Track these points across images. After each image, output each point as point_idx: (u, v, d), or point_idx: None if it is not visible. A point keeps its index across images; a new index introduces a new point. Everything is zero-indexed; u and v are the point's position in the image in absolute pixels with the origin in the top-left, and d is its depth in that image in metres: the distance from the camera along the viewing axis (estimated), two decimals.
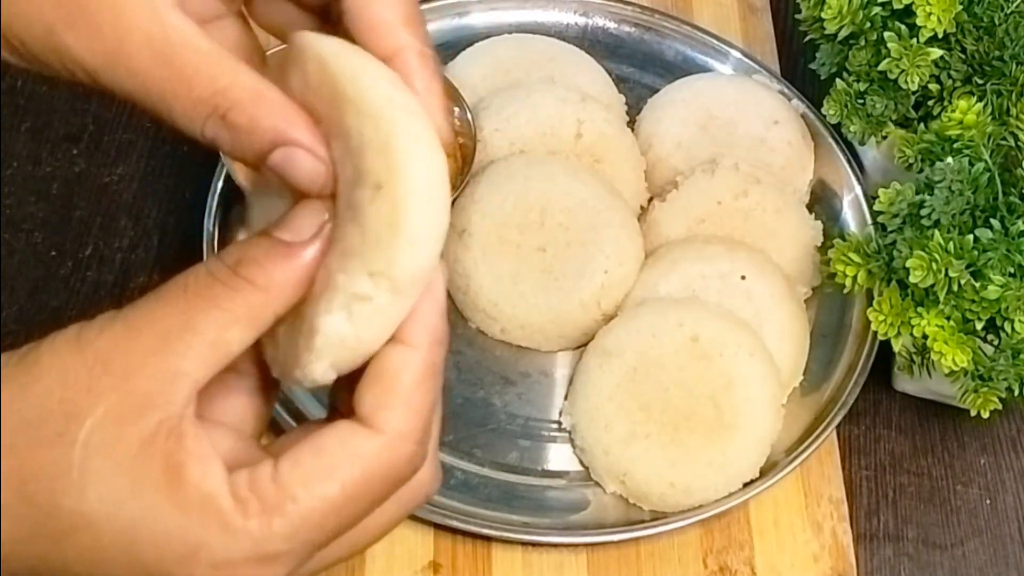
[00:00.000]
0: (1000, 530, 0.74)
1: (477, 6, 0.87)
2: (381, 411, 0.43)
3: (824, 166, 0.83)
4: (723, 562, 0.70)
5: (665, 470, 0.70)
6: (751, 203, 0.78)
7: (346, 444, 0.43)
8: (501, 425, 0.74)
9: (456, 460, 0.72)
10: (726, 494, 0.71)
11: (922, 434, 0.77)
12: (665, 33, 0.88)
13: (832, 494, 0.73)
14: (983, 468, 0.76)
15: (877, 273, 0.70)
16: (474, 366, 0.76)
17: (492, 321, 0.76)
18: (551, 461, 0.73)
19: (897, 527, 0.74)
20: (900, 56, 0.72)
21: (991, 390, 0.68)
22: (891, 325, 0.69)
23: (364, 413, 0.43)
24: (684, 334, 0.72)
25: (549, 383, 0.76)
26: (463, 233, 0.75)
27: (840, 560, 0.71)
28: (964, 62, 0.74)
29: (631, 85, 0.87)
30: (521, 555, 0.70)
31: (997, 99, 0.73)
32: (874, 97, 0.75)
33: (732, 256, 0.76)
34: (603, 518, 0.71)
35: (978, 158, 0.69)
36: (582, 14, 0.88)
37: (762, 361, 0.72)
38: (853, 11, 0.74)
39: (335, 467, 0.43)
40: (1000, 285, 0.66)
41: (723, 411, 0.71)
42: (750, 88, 0.84)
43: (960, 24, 0.73)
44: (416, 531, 0.70)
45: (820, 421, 0.73)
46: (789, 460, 0.71)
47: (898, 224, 0.70)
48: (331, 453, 0.43)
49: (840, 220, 0.81)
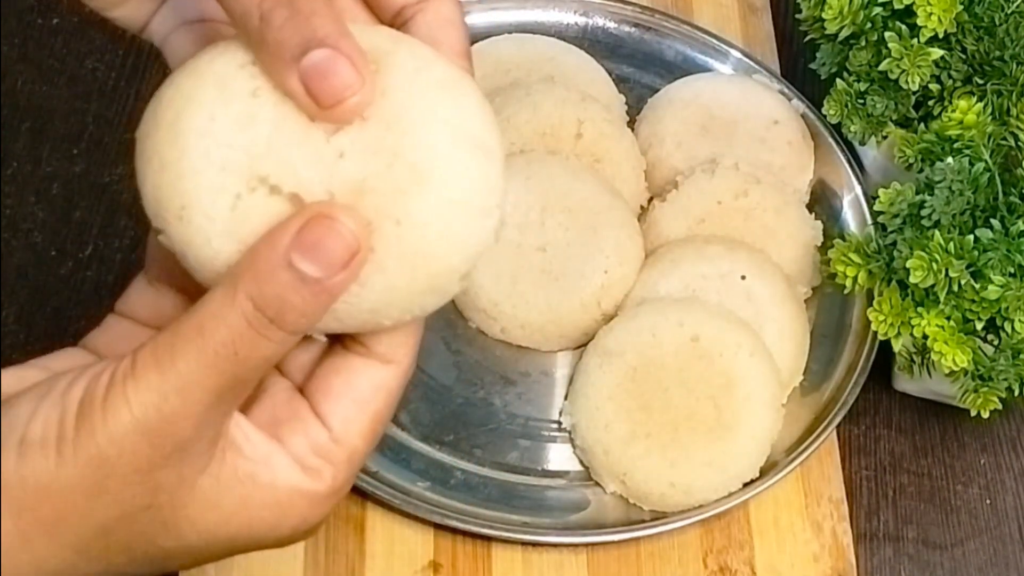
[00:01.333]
0: (1000, 530, 0.74)
1: (477, 6, 0.87)
2: (399, 348, 0.46)
3: (824, 166, 0.83)
4: (723, 562, 0.70)
5: (665, 470, 0.70)
6: (751, 203, 0.78)
7: (380, 387, 0.46)
8: (501, 425, 0.74)
9: (456, 460, 0.72)
10: (726, 494, 0.71)
11: (922, 434, 0.77)
12: (665, 33, 0.88)
13: (832, 494, 0.73)
14: (983, 468, 0.76)
15: (877, 273, 0.70)
16: (474, 366, 0.76)
17: (492, 321, 0.76)
18: (551, 461, 0.73)
19: (897, 527, 0.74)
20: (901, 56, 0.72)
21: (991, 390, 0.68)
22: (891, 325, 0.69)
23: (382, 351, 0.46)
24: (684, 334, 0.72)
25: (549, 383, 0.75)
26: None
27: (840, 560, 0.71)
28: (965, 62, 0.74)
29: (631, 85, 0.87)
30: (521, 555, 0.70)
31: (997, 99, 0.73)
32: (874, 97, 0.75)
33: (732, 256, 0.76)
34: (603, 518, 0.71)
35: (978, 158, 0.69)
36: (582, 14, 0.88)
37: (762, 361, 0.72)
38: (854, 11, 0.74)
39: (377, 411, 0.46)
40: (1000, 285, 0.66)
41: (723, 411, 0.71)
42: (750, 88, 0.84)
43: (961, 24, 0.73)
44: (416, 531, 0.70)
45: (820, 421, 0.73)
46: (789, 460, 0.71)
47: (898, 224, 0.70)
48: (371, 400, 0.46)
49: (840, 220, 0.81)
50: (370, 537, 0.69)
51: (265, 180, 0.43)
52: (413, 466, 0.71)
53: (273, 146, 0.43)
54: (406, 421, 0.73)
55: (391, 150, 0.43)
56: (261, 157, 0.43)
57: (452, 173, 0.43)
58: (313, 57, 0.42)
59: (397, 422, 0.73)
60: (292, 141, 0.43)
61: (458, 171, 0.43)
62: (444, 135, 0.43)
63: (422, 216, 0.43)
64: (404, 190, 0.42)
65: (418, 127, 0.43)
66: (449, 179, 0.43)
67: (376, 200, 0.42)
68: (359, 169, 0.43)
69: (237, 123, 0.43)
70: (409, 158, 0.43)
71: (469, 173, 0.43)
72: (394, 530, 0.70)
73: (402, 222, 0.42)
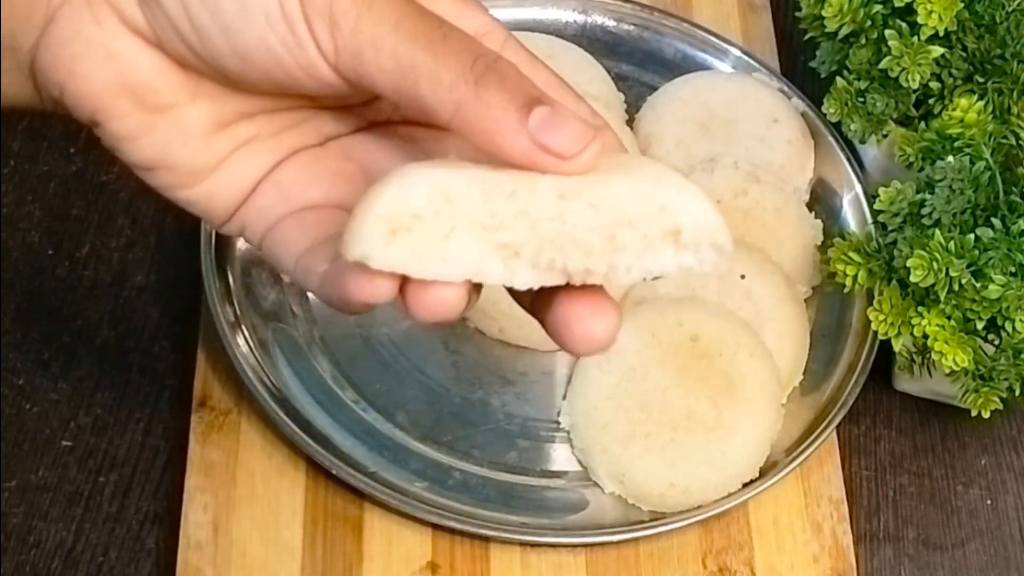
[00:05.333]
0: (1001, 531, 0.74)
1: None
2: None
3: (824, 165, 0.82)
4: (722, 562, 0.70)
5: (664, 470, 0.70)
6: (751, 202, 0.78)
7: None
8: (499, 425, 0.74)
9: (454, 460, 0.72)
10: (725, 494, 0.70)
11: (922, 434, 0.77)
12: (664, 31, 0.87)
13: (832, 494, 0.73)
14: (984, 468, 0.76)
15: (877, 272, 0.70)
16: (472, 366, 0.75)
17: (491, 320, 0.75)
18: (550, 461, 0.73)
19: (897, 527, 0.74)
20: (901, 54, 0.72)
21: (992, 390, 0.68)
22: (891, 325, 0.69)
23: None
24: (684, 333, 0.72)
25: (548, 383, 0.75)
26: None
27: (840, 560, 0.70)
28: (965, 60, 0.74)
29: (630, 83, 0.86)
30: (519, 555, 0.70)
31: (998, 97, 0.73)
32: (875, 95, 0.75)
33: (732, 255, 0.75)
34: (602, 518, 0.71)
35: (979, 157, 0.69)
36: (581, 12, 0.88)
37: (762, 361, 0.72)
38: (854, 9, 0.74)
39: None
40: (1001, 284, 0.66)
41: (722, 411, 0.71)
42: (750, 86, 0.84)
43: (961, 22, 0.73)
44: (414, 531, 0.70)
45: (820, 421, 0.73)
46: (789, 460, 0.71)
47: (898, 223, 0.70)
48: None
49: (840, 219, 0.81)
50: (368, 537, 0.69)
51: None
52: (411, 466, 0.71)
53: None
54: (404, 421, 0.73)
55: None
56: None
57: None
58: (539, 113, 0.43)
59: (395, 422, 0.72)
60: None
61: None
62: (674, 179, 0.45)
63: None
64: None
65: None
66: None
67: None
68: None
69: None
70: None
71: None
72: (392, 530, 0.70)
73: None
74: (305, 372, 0.73)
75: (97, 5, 0.45)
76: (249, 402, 0.72)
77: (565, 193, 0.43)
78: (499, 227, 0.43)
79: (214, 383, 0.73)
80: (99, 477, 0.72)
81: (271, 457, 0.71)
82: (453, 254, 0.43)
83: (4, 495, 0.70)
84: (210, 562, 0.67)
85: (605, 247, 0.43)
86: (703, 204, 0.44)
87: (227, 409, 0.72)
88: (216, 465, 0.70)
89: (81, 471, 0.72)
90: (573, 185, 0.43)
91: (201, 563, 0.67)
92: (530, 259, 0.43)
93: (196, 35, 0.44)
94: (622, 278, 0.44)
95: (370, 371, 0.74)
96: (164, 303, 0.77)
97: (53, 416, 0.73)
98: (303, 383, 0.73)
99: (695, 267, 0.45)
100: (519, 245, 0.43)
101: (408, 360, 0.75)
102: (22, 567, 0.68)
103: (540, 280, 0.43)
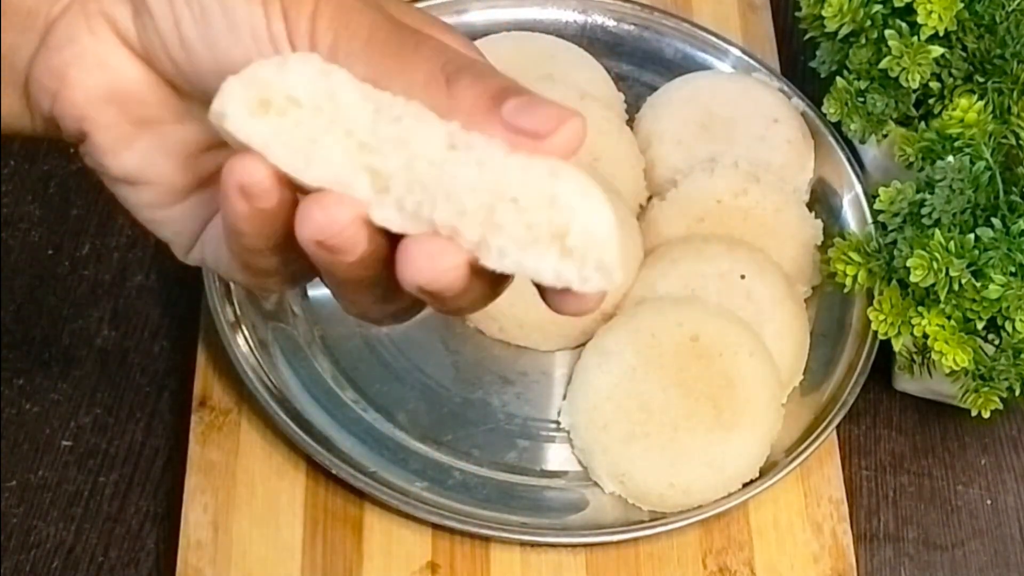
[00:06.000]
0: (1001, 530, 0.74)
1: (475, 4, 0.86)
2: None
3: (824, 164, 0.82)
4: (722, 562, 0.70)
5: (664, 470, 0.70)
6: (751, 202, 0.78)
7: None
8: (499, 425, 0.74)
9: (454, 460, 0.72)
10: (725, 494, 0.70)
11: (922, 434, 0.77)
12: (664, 31, 0.87)
13: (832, 494, 0.72)
14: (984, 468, 0.76)
15: (877, 272, 0.70)
16: (472, 365, 0.75)
17: (490, 320, 0.75)
18: (550, 461, 0.73)
19: (897, 527, 0.74)
20: (901, 54, 0.72)
21: (992, 390, 0.68)
22: (891, 325, 0.69)
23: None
24: (683, 333, 0.72)
25: (548, 383, 0.75)
26: None
27: (840, 560, 0.70)
28: (965, 60, 0.74)
29: (630, 83, 0.86)
30: (519, 555, 0.70)
31: (998, 97, 0.73)
32: (875, 95, 0.75)
33: (731, 255, 0.75)
34: (602, 518, 0.71)
35: (979, 157, 0.69)
36: (581, 12, 0.88)
37: (762, 361, 0.72)
38: (853, 9, 0.74)
39: None
40: (1001, 284, 0.66)
41: (722, 411, 0.71)
42: (750, 86, 0.84)
43: (961, 22, 0.73)
44: (414, 531, 0.70)
45: (820, 421, 0.73)
46: (789, 460, 0.71)
47: (898, 223, 0.70)
48: None
49: (840, 219, 0.81)
50: (368, 537, 0.69)
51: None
52: (411, 466, 0.71)
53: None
54: (404, 421, 0.73)
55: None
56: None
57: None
58: (513, 100, 0.42)
59: (395, 422, 0.72)
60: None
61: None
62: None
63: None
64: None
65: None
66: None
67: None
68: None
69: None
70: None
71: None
72: (392, 530, 0.70)
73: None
74: (305, 372, 0.73)
75: (93, 16, 0.46)
76: (249, 402, 0.72)
77: (457, 144, 0.41)
78: (375, 150, 0.41)
79: (214, 383, 0.73)
80: (99, 477, 0.72)
81: (271, 457, 0.71)
82: (318, 155, 0.41)
83: (4, 495, 0.70)
84: (210, 562, 0.67)
85: (481, 217, 0.41)
86: (601, 214, 0.41)
87: (227, 409, 0.72)
88: (216, 465, 0.70)
89: (81, 471, 0.72)
90: (471, 141, 0.41)
91: (201, 563, 0.67)
92: (397, 198, 0.41)
93: (183, 51, 0.45)
94: (493, 261, 0.41)
95: (370, 371, 0.74)
96: (164, 303, 0.77)
97: (53, 416, 0.73)
98: (303, 383, 0.73)
99: (574, 285, 0.41)
100: (389, 178, 0.41)
101: (408, 360, 0.75)
102: (22, 567, 0.68)
103: (404, 226, 0.41)
